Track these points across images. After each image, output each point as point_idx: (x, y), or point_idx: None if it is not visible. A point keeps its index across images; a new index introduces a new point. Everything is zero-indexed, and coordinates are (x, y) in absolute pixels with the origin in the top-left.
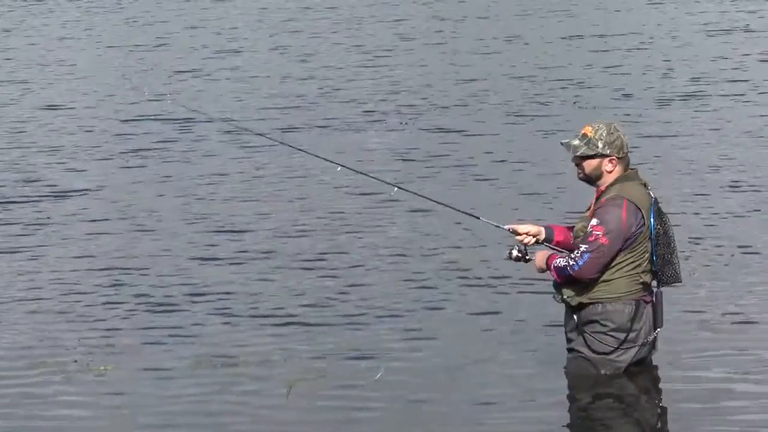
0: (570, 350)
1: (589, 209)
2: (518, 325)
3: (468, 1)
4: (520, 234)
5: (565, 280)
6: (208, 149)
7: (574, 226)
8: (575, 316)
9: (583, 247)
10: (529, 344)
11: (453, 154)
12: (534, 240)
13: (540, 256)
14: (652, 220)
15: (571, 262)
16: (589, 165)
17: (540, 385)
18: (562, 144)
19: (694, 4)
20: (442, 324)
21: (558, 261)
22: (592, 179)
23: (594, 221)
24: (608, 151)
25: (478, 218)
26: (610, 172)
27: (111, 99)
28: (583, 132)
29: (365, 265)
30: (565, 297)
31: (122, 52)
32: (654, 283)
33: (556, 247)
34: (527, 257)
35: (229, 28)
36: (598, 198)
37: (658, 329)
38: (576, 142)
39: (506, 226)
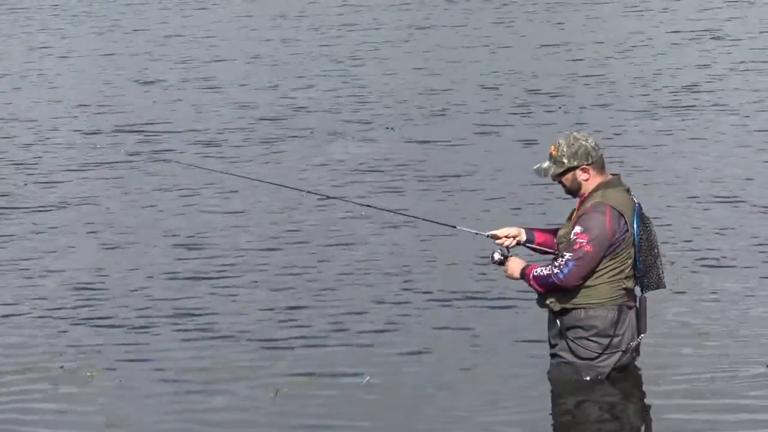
0: (553, 356)
1: (571, 216)
2: (499, 333)
3: (446, 10)
4: (500, 237)
5: (547, 289)
6: (178, 162)
7: (557, 230)
8: (558, 322)
9: (567, 255)
10: (509, 352)
11: (429, 163)
12: (515, 241)
13: (514, 264)
14: (635, 226)
15: (555, 271)
16: (566, 180)
17: (522, 392)
18: (534, 170)
19: (674, 12)
20: (422, 336)
21: (539, 270)
22: (573, 191)
23: (577, 228)
24: (575, 163)
25: (455, 227)
26: (587, 180)
27: (79, 110)
28: (549, 152)
29: (342, 280)
30: (547, 302)
31: (93, 61)
32: (637, 288)
33: (539, 247)
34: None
35: (202, 38)
36: (581, 204)
37: (642, 335)
38: (546, 164)
39: (486, 233)
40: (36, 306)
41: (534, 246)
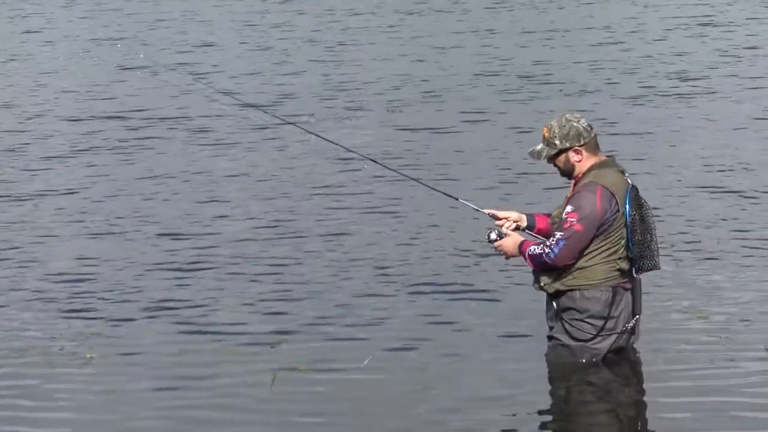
0: (550, 338)
1: (567, 197)
2: (491, 324)
3: None
4: (500, 218)
5: (541, 268)
6: (165, 150)
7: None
8: (554, 304)
9: (558, 235)
10: (501, 342)
11: (421, 150)
12: (515, 225)
13: (511, 241)
14: (627, 206)
15: (546, 250)
16: (559, 162)
17: (519, 374)
18: (529, 153)
19: None
20: (414, 328)
21: (532, 248)
22: (567, 173)
23: (569, 208)
24: (567, 144)
25: (456, 199)
26: (579, 161)
27: (66, 96)
28: (542, 134)
29: (332, 272)
30: (542, 284)
31: (80, 46)
32: (633, 269)
33: (537, 236)
34: None
35: (192, 23)
36: (575, 185)
37: (637, 316)
38: (539, 146)
39: (486, 210)
40: (24, 296)
41: (534, 233)
